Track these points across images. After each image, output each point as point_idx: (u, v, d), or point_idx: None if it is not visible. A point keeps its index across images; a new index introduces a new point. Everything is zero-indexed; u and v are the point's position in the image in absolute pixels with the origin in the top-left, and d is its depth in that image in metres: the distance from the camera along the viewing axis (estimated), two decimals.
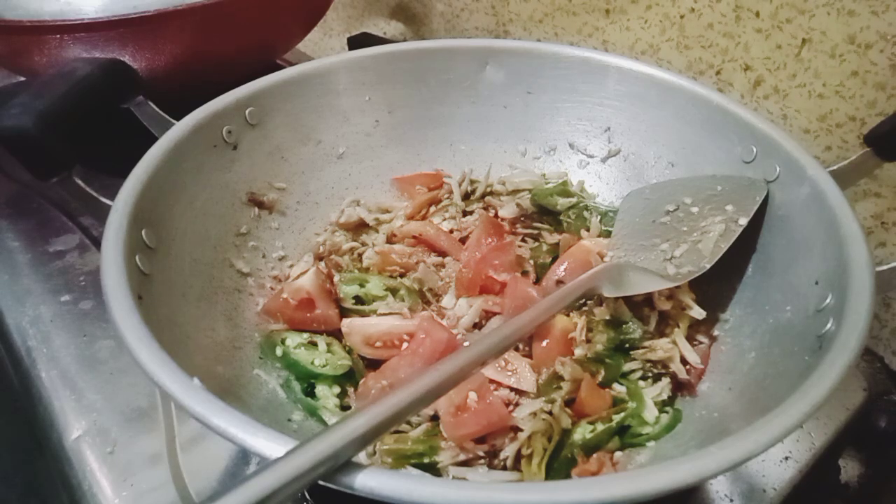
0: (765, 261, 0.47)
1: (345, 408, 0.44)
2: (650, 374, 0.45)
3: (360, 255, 0.55)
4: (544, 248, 0.54)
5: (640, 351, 0.46)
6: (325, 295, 0.48)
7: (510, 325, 0.37)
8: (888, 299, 0.56)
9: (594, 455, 0.40)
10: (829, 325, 0.35)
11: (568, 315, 0.47)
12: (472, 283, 0.49)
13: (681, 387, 0.45)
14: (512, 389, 0.43)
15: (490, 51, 0.60)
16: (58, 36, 0.57)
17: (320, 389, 0.44)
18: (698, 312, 0.47)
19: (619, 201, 0.57)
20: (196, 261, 0.45)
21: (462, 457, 0.39)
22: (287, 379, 0.44)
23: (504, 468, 0.39)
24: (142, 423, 0.46)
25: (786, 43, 0.55)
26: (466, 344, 0.45)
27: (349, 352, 0.46)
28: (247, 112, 0.52)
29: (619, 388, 0.44)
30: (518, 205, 0.58)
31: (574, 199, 0.57)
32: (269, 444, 0.27)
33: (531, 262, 0.53)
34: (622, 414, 0.42)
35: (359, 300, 0.50)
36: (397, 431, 0.41)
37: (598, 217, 0.56)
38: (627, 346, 0.46)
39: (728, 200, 0.49)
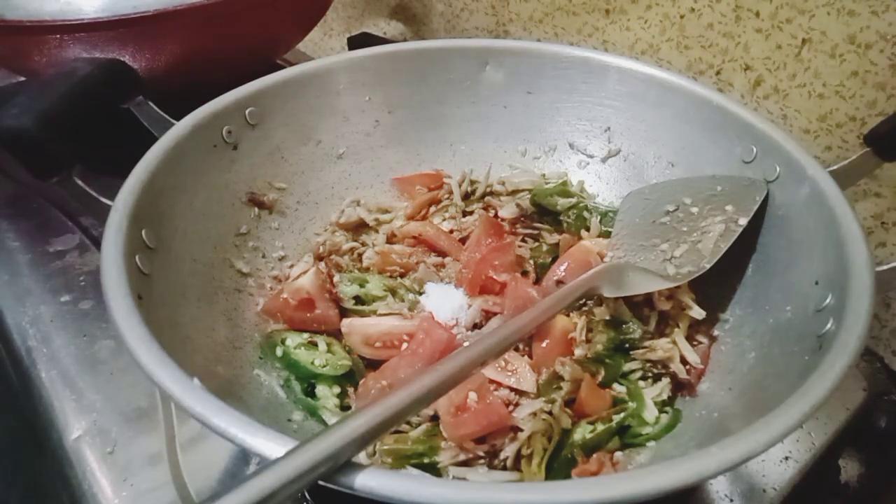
0: (765, 261, 0.47)
1: (345, 408, 0.44)
2: (650, 374, 0.45)
3: (360, 255, 0.55)
4: (544, 248, 0.54)
5: (640, 351, 0.46)
6: (325, 295, 0.48)
7: (510, 325, 0.37)
8: (888, 299, 0.56)
9: (594, 455, 0.40)
10: (829, 325, 0.35)
11: (568, 315, 0.47)
12: (472, 283, 0.49)
13: (681, 387, 0.45)
14: (512, 389, 0.43)
15: (490, 51, 0.60)
16: (58, 36, 0.57)
17: (320, 389, 0.44)
18: (698, 312, 0.47)
19: (619, 201, 0.57)
20: (196, 261, 0.45)
21: (462, 457, 0.39)
22: (287, 379, 0.44)
23: (504, 468, 0.39)
24: (142, 423, 0.46)
25: (786, 43, 0.55)
26: (466, 344, 0.45)
27: (349, 352, 0.46)
28: (247, 112, 0.52)
29: (619, 388, 0.44)
30: (518, 205, 0.58)
31: (574, 199, 0.57)
32: (269, 444, 0.27)
33: (531, 262, 0.53)
34: (622, 414, 0.42)
35: (359, 300, 0.50)
36: (397, 431, 0.41)
37: (598, 217, 0.56)
38: (627, 346, 0.46)
39: (728, 200, 0.49)
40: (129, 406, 0.47)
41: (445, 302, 0.48)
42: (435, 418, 0.41)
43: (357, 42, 0.89)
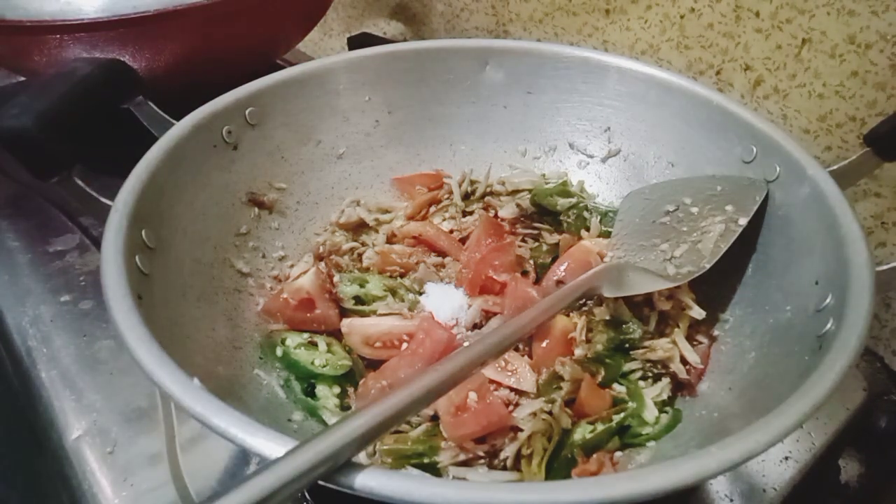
0: (765, 261, 0.47)
1: (345, 408, 0.44)
2: (650, 374, 0.45)
3: (360, 255, 0.55)
4: (544, 248, 0.54)
5: (640, 351, 0.46)
6: (325, 295, 0.48)
7: (510, 325, 0.37)
8: (888, 299, 0.56)
9: (594, 455, 0.40)
10: (829, 325, 0.35)
11: (568, 315, 0.47)
12: (472, 283, 0.49)
13: (681, 387, 0.45)
14: (512, 389, 0.43)
15: (490, 51, 0.60)
16: (58, 36, 0.57)
17: (320, 389, 0.44)
18: (698, 312, 0.47)
19: (619, 201, 0.57)
20: (196, 261, 0.45)
21: (462, 457, 0.39)
22: (287, 379, 0.44)
23: (504, 468, 0.39)
24: (142, 423, 0.46)
25: (786, 43, 0.55)
26: (466, 344, 0.45)
27: (349, 352, 0.46)
28: (247, 112, 0.52)
29: (619, 388, 0.44)
30: (518, 205, 0.58)
31: (574, 199, 0.57)
32: (269, 444, 0.27)
33: (531, 262, 0.53)
34: (622, 414, 0.42)
35: (359, 300, 0.50)
36: (397, 431, 0.41)
37: (598, 217, 0.56)
38: (627, 346, 0.46)
39: (728, 200, 0.49)
40: (129, 406, 0.47)
41: (445, 302, 0.49)
42: (435, 418, 0.41)
43: (357, 42, 0.89)
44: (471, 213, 0.59)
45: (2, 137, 0.47)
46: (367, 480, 0.26)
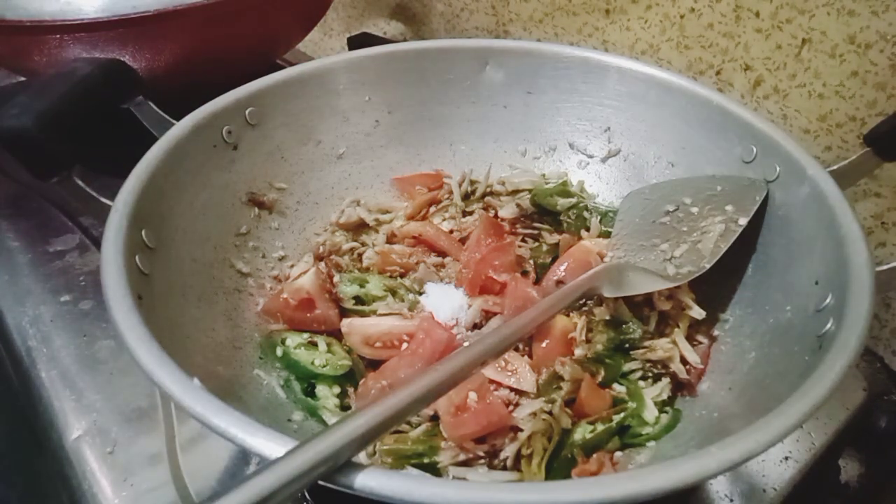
0: (765, 261, 0.47)
1: (345, 408, 0.44)
2: (650, 374, 0.45)
3: (360, 255, 0.55)
4: (544, 248, 0.54)
5: (640, 351, 0.46)
6: (325, 295, 0.48)
7: (510, 325, 0.37)
8: (888, 299, 0.56)
9: (594, 455, 0.40)
10: (829, 325, 0.35)
11: (568, 315, 0.47)
12: (472, 283, 0.49)
13: (681, 387, 0.45)
14: (512, 389, 0.43)
15: (490, 51, 0.60)
16: (58, 36, 0.57)
17: (320, 389, 0.44)
18: (698, 312, 0.47)
19: (619, 201, 0.57)
20: (196, 261, 0.45)
21: (462, 457, 0.39)
22: (287, 379, 0.44)
23: (504, 468, 0.39)
24: (142, 423, 0.46)
25: (786, 43, 0.55)
26: (466, 344, 0.45)
27: (349, 352, 0.46)
28: (247, 112, 0.52)
29: (619, 388, 0.44)
30: (518, 205, 0.58)
31: (574, 200, 0.57)
32: (269, 444, 0.27)
33: (531, 262, 0.53)
34: (622, 414, 0.42)
35: (359, 300, 0.50)
36: (397, 431, 0.41)
37: (598, 217, 0.56)
38: (627, 346, 0.46)
39: (728, 200, 0.49)
40: (129, 406, 0.47)
41: (445, 302, 0.49)
42: (435, 418, 0.41)
43: (357, 42, 0.89)
44: (471, 213, 0.59)
45: (2, 137, 0.47)
46: (367, 480, 0.26)
